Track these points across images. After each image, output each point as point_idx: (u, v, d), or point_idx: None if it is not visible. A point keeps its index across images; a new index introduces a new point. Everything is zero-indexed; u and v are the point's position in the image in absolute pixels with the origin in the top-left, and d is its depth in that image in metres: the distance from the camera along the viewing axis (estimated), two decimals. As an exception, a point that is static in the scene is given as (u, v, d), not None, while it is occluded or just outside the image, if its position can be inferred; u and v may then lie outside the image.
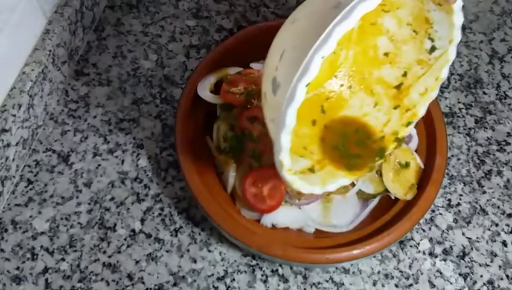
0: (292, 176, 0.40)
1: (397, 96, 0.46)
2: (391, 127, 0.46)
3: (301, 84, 0.34)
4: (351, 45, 0.46)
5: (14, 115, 0.51)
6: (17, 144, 0.53)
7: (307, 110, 0.45)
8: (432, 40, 0.44)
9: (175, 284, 0.49)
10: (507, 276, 0.52)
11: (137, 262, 0.50)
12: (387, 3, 0.43)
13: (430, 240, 0.53)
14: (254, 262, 0.51)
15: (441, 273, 0.51)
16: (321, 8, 0.36)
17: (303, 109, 0.41)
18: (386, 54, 0.46)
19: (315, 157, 0.45)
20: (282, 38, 0.39)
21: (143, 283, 0.49)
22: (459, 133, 0.61)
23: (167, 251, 0.51)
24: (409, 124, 0.46)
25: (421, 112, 0.46)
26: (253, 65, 0.57)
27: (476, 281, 0.51)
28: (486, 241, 0.54)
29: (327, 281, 0.50)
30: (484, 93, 0.64)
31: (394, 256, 0.52)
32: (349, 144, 0.46)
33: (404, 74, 0.46)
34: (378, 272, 0.51)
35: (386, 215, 0.51)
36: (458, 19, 0.40)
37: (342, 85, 0.47)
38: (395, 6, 0.43)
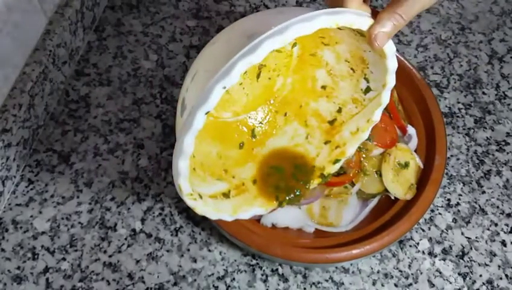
0: (193, 201, 0.39)
1: (329, 131, 0.46)
2: (319, 162, 0.46)
3: (200, 113, 0.32)
4: (289, 72, 0.45)
5: (15, 115, 0.51)
6: (17, 144, 0.53)
7: (233, 133, 0.44)
8: (367, 80, 0.43)
9: (175, 284, 0.49)
10: (506, 276, 0.52)
11: (137, 262, 0.50)
12: (326, 36, 0.42)
13: (430, 239, 0.53)
14: (254, 262, 0.51)
15: (440, 272, 0.52)
16: (237, 35, 0.35)
17: (227, 130, 0.41)
18: (323, 87, 0.46)
19: (234, 182, 0.44)
20: (199, 58, 0.38)
21: (143, 282, 0.49)
22: (458, 133, 0.61)
23: (167, 251, 0.51)
24: (336, 161, 0.46)
25: (350, 151, 0.46)
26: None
27: (475, 281, 0.51)
28: (486, 241, 0.54)
29: (327, 280, 0.50)
30: (483, 93, 0.64)
31: (394, 256, 0.52)
32: (286, 176, 0.45)
33: (339, 110, 0.46)
34: (378, 272, 0.51)
35: (385, 215, 0.51)
36: (392, 63, 0.39)
37: (277, 112, 0.47)
38: (334, 41, 0.42)
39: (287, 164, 0.46)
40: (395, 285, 0.51)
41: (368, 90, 0.43)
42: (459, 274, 0.52)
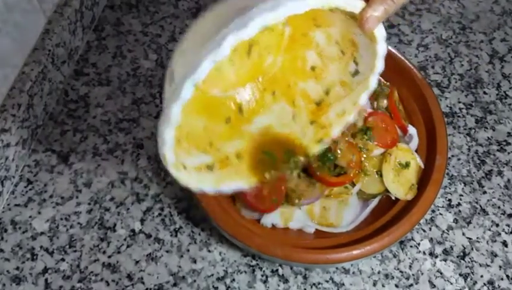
0: (176, 171, 0.39)
1: (316, 112, 0.46)
2: (304, 142, 0.46)
3: (187, 84, 0.33)
4: (280, 51, 0.45)
5: (14, 115, 0.51)
6: (16, 144, 0.53)
7: (221, 108, 0.45)
8: (357, 63, 0.43)
9: (175, 285, 0.49)
10: (507, 276, 0.52)
11: (137, 262, 0.50)
12: (318, 18, 0.42)
13: (431, 240, 0.53)
14: (254, 262, 0.51)
15: (441, 273, 0.51)
16: (229, 10, 0.35)
17: (215, 105, 0.41)
18: (313, 68, 0.46)
19: (219, 155, 0.44)
20: (190, 31, 0.38)
21: (143, 283, 0.49)
22: (459, 133, 0.61)
23: (167, 251, 0.51)
24: (320, 141, 0.46)
25: (334, 132, 0.46)
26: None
27: (476, 282, 0.51)
28: (487, 242, 0.53)
29: (327, 281, 0.50)
30: (484, 93, 0.64)
31: (394, 256, 0.52)
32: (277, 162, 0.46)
33: (327, 92, 0.46)
34: (379, 272, 0.51)
35: (386, 216, 0.51)
36: (381, 48, 0.39)
37: (265, 89, 0.47)
38: (325, 23, 0.43)
39: (279, 149, 0.46)
40: (396, 286, 0.50)
41: (356, 73, 0.44)
42: (460, 275, 0.51)
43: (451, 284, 0.51)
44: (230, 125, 0.45)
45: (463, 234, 0.54)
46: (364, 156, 0.51)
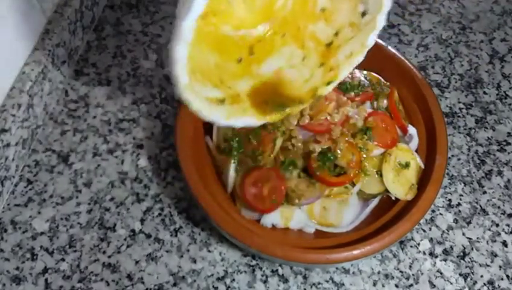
0: (192, 95, 0.39)
1: (325, 54, 0.46)
2: (312, 83, 0.47)
3: None
4: None
5: (14, 115, 0.51)
6: (16, 144, 0.53)
7: (232, 47, 0.45)
8: (365, 3, 0.44)
9: (175, 285, 0.49)
10: (507, 276, 0.52)
11: (137, 262, 0.50)
12: None
13: (431, 240, 0.53)
14: (254, 262, 0.51)
15: (441, 273, 0.51)
16: None
17: (227, 43, 0.41)
18: (322, 10, 0.46)
19: (230, 92, 0.44)
20: None
21: (143, 283, 0.49)
22: (459, 133, 0.61)
23: (167, 251, 0.51)
24: (329, 83, 0.46)
25: (343, 74, 0.46)
26: (253, 65, 0.57)
27: (476, 281, 0.51)
28: (487, 242, 0.53)
29: (327, 281, 0.50)
30: (484, 93, 0.64)
31: (394, 256, 0.52)
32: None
33: (336, 34, 0.46)
34: (379, 273, 0.51)
35: (386, 216, 0.51)
36: None
37: (275, 32, 0.47)
38: None
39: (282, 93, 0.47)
40: (396, 286, 0.50)
41: (364, 13, 0.44)
42: (460, 275, 0.51)
43: (451, 284, 0.51)
44: (242, 65, 0.45)
45: (463, 234, 0.54)
46: (364, 156, 0.51)
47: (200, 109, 0.40)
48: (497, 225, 0.55)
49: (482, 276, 0.51)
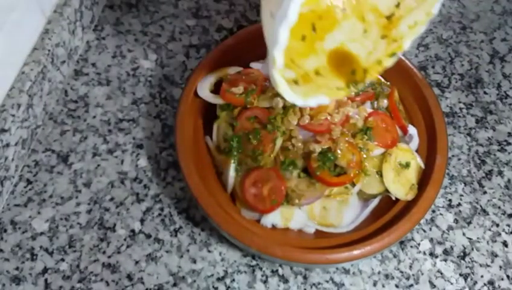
0: (280, 77, 0.40)
1: (387, 26, 0.46)
2: (376, 56, 0.46)
3: None
4: None
5: (13, 115, 0.51)
6: (16, 144, 0.52)
7: (298, 25, 0.45)
8: None
9: (175, 285, 0.49)
10: (508, 276, 0.52)
11: (136, 262, 0.50)
12: None
13: (431, 240, 0.53)
14: (254, 262, 0.51)
15: (441, 273, 0.51)
16: None
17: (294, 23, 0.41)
18: None
19: (300, 71, 0.45)
20: None
21: (143, 283, 0.49)
22: (459, 133, 0.61)
23: (167, 251, 0.51)
24: (393, 54, 0.46)
25: (406, 45, 0.46)
26: (253, 65, 0.57)
27: (476, 282, 0.51)
28: (487, 242, 0.53)
29: (327, 281, 0.50)
30: (485, 93, 0.64)
31: (394, 256, 0.52)
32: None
33: (397, 5, 0.46)
34: (379, 273, 0.51)
35: (386, 216, 0.51)
36: None
37: (336, 6, 0.47)
38: None
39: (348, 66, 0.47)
40: (396, 286, 0.50)
41: None
42: (461, 275, 0.51)
43: (452, 284, 0.51)
44: (306, 42, 0.45)
45: (463, 234, 0.54)
46: (365, 156, 0.51)
47: (284, 90, 0.41)
48: (498, 225, 0.54)
49: (482, 276, 0.51)
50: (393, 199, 0.51)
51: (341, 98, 0.50)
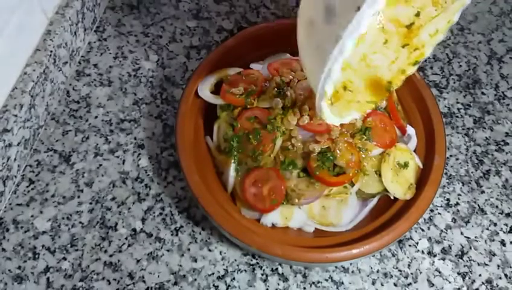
0: (328, 106, 0.41)
1: (407, 35, 0.46)
2: (398, 65, 0.47)
3: (368, 13, 0.34)
4: None
5: (16, 115, 0.52)
6: (18, 144, 0.53)
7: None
8: None
9: (176, 283, 0.49)
10: (505, 275, 0.52)
11: (138, 261, 0.51)
12: None
13: (429, 239, 0.54)
14: (254, 261, 0.51)
15: (439, 272, 0.52)
16: None
17: None
18: None
19: (329, 91, 0.46)
20: None
21: (144, 282, 0.49)
22: (457, 133, 0.61)
23: (168, 250, 0.51)
24: (416, 63, 0.47)
25: (428, 52, 0.47)
26: (253, 66, 0.58)
27: (474, 280, 0.51)
28: (485, 241, 0.54)
29: (327, 280, 0.51)
30: (483, 93, 0.65)
31: (393, 255, 0.52)
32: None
33: (417, 14, 0.46)
34: (377, 271, 0.51)
35: (385, 215, 0.51)
36: None
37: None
38: None
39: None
40: (395, 284, 0.51)
41: None
42: (459, 274, 0.52)
43: (450, 283, 0.51)
44: None
45: (461, 233, 0.54)
46: (363, 156, 0.51)
47: (328, 117, 0.43)
48: (495, 224, 0.55)
49: (480, 275, 0.52)
50: (392, 198, 0.52)
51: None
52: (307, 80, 0.48)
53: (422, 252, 0.53)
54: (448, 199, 0.56)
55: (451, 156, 0.59)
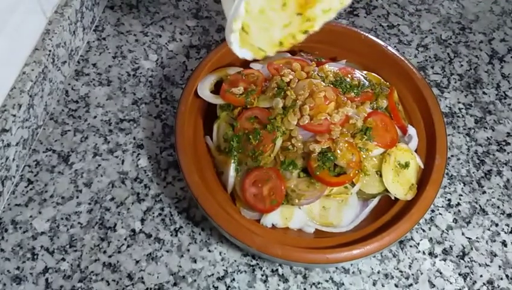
0: (238, 41, 0.45)
1: (303, 5, 0.49)
2: (290, 30, 0.49)
3: None
4: None
5: (14, 115, 0.51)
6: (17, 144, 0.53)
7: None
8: None
9: (175, 284, 0.49)
10: (507, 276, 0.52)
11: (137, 262, 0.50)
12: None
13: (430, 240, 0.53)
14: (254, 262, 0.51)
15: (440, 273, 0.52)
16: None
17: None
18: None
19: (235, 27, 0.48)
20: None
21: (143, 282, 0.49)
22: (458, 133, 0.61)
23: (167, 251, 0.51)
24: (305, 32, 0.49)
25: (318, 26, 0.49)
26: (253, 65, 0.57)
27: (475, 281, 0.51)
28: (486, 241, 0.54)
29: (327, 281, 0.50)
30: (484, 93, 0.64)
31: (394, 256, 0.52)
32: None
33: None
34: (378, 272, 0.51)
35: (385, 215, 0.51)
36: None
37: None
38: None
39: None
40: (396, 285, 0.51)
41: None
42: (460, 274, 0.52)
43: (451, 283, 0.51)
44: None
45: (462, 233, 0.54)
46: (364, 156, 0.51)
47: (236, 49, 0.46)
48: (497, 225, 0.55)
49: (481, 276, 0.52)
50: (393, 198, 0.52)
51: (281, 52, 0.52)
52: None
53: (423, 252, 0.52)
54: (449, 200, 0.56)
55: (452, 156, 0.59)
